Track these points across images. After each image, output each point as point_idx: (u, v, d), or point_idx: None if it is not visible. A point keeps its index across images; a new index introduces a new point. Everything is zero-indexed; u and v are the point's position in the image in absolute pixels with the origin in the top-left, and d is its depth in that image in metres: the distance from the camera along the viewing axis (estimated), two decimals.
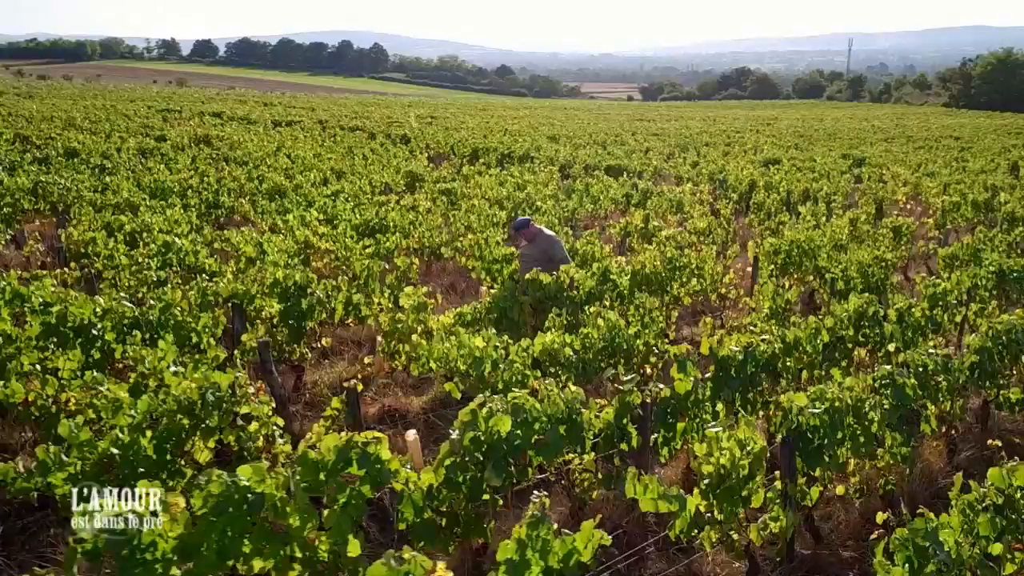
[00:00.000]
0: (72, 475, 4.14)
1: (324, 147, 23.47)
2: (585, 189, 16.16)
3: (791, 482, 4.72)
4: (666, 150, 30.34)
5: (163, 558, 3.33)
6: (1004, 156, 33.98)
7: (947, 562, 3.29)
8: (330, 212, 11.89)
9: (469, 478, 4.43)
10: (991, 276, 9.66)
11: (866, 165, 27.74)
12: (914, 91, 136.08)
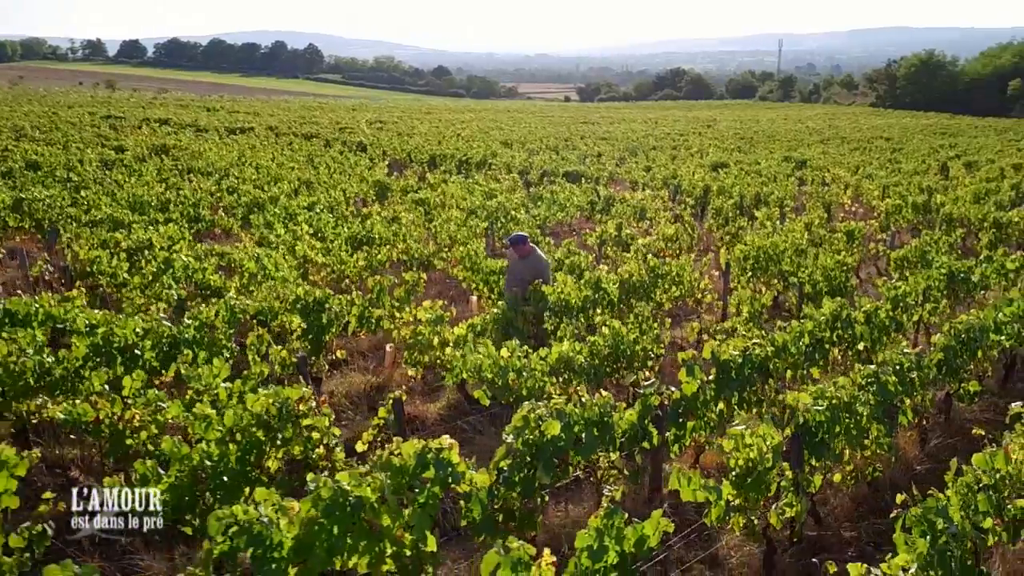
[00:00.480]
0: (172, 486, 4.53)
1: (286, 156, 23.62)
2: (552, 197, 16.75)
3: (800, 471, 5.34)
4: (616, 154, 31.15)
5: (286, 556, 3.77)
6: (933, 157, 35.66)
7: (955, 534, 3.92)
8: (315, 225, 12.24)
9: (522, 477, 4.95)
10: (942, 278, 10.51)
11: (807, 167, 28.94)
12: (842, 91, 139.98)
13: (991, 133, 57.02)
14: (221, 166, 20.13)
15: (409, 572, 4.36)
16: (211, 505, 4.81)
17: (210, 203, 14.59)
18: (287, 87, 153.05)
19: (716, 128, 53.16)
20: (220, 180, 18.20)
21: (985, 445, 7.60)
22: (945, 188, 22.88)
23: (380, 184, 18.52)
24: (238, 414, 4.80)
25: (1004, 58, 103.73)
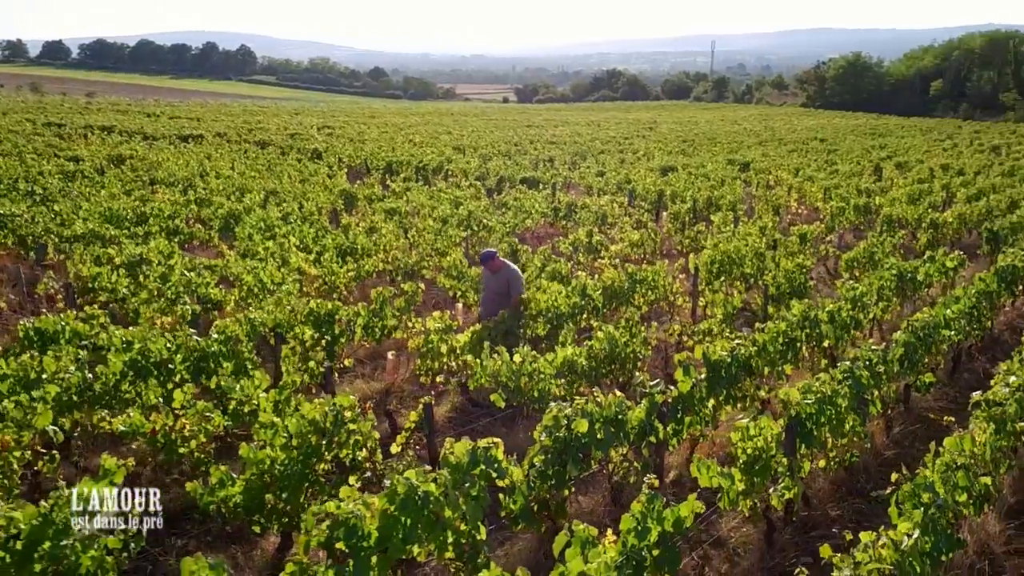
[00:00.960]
0: (246, 488, 4.98)
1: (245, 165, 23.72)
2: (518, 204, 17.34)
3: (793, 458, 6.01)
4: (567, 159, 31.87)
5: (372, 546, 4.27)
6: (866, 158, 37.27)
7: (941, 506, 4.62)
8: (298, 236, 12.60)
9: (555, 471, 5.52)
10: (893, 278, 11.39)
11: (751, 170, 30.07)
12: (773, 91, 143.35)
13: (917, 133, 59.49)
14: (183, 176, 20.20)
15: (466, 558, 4.89)
16: (274, 505, 5.27)
17: (185, 215, 14.78)
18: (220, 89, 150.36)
19: (658, 131, 54.39)
20: (185, 191, 18.35)
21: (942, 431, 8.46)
22: (882, 190, 24.15)
23: (346, 193, 18.87)
24: (300, 421, 5.26)
25: (926, 60, 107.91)
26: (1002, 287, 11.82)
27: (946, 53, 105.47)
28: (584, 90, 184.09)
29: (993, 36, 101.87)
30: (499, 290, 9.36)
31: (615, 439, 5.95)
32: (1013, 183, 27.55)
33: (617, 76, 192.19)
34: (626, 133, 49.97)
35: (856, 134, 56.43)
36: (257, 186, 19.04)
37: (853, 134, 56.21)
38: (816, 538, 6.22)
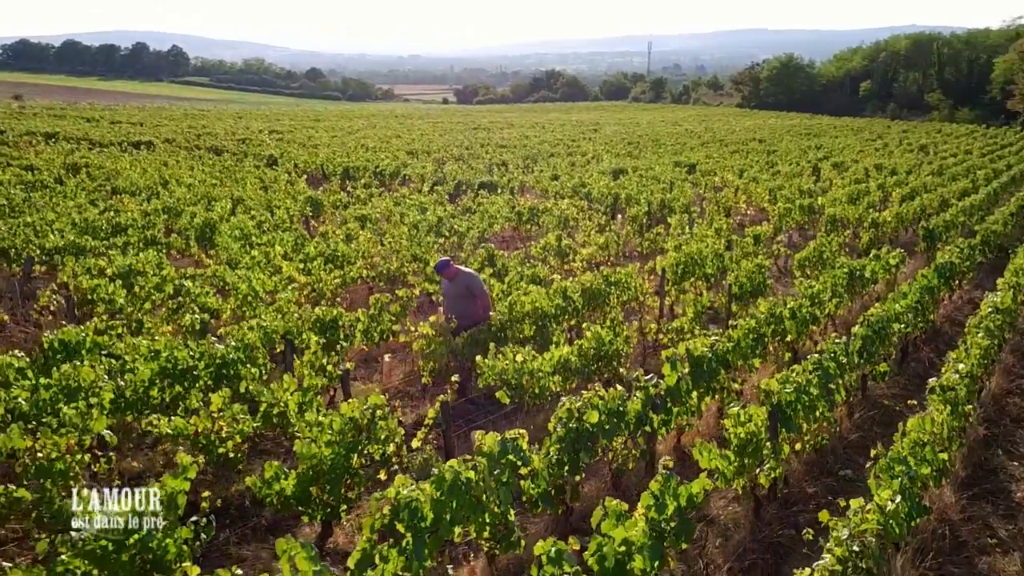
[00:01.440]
0: (299, 480, 5.49)
1: (205, 172, 23.79)
2: (484, 209, 17.91)
3: (776, 441, 6.72)
4: (519, 162, 32.52)
5: (427, 527, 4.82)
6: (804, 158, 38.78)
7: (912, 477, 5.36)
8: (281, 245, 12.98)
9: (570, 458, 6.13)
10: (844, 276, 12.28)
11: (697, 172, 31.15)
12: (709, 92, 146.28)
13: (849, 133, 61.74)
14: (144, 185, 20.28)
15: (499, 537, 5.48)
16: (318, 496, 5.78)
17: (159, 225, 15.01)
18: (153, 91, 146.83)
19: (602, 132, 55.47)
20: (148, 199, 18.47)
21: (897, 416, 9.31)
22: (823, 190, 25.35)
23: (312, 199, 19.21)
24: (342, 419, 5.78)
25: (855, 61, 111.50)
26: (942, 282, 12.84)
27: (873, 55, 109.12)
28: (524, 91, 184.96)
29: (917, 38, 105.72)
30: (460, 293, 9.68)
31: (617, 429, 6.58)
32: (943, 182, 29.13)
33: (556, 77, 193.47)
34: (572, 135, 50.85)
35: (792, 134, 58.32)
36: (222, 194, 19.23)
37: (789, 134, 58.08)
38: (797, 512, 6.97)
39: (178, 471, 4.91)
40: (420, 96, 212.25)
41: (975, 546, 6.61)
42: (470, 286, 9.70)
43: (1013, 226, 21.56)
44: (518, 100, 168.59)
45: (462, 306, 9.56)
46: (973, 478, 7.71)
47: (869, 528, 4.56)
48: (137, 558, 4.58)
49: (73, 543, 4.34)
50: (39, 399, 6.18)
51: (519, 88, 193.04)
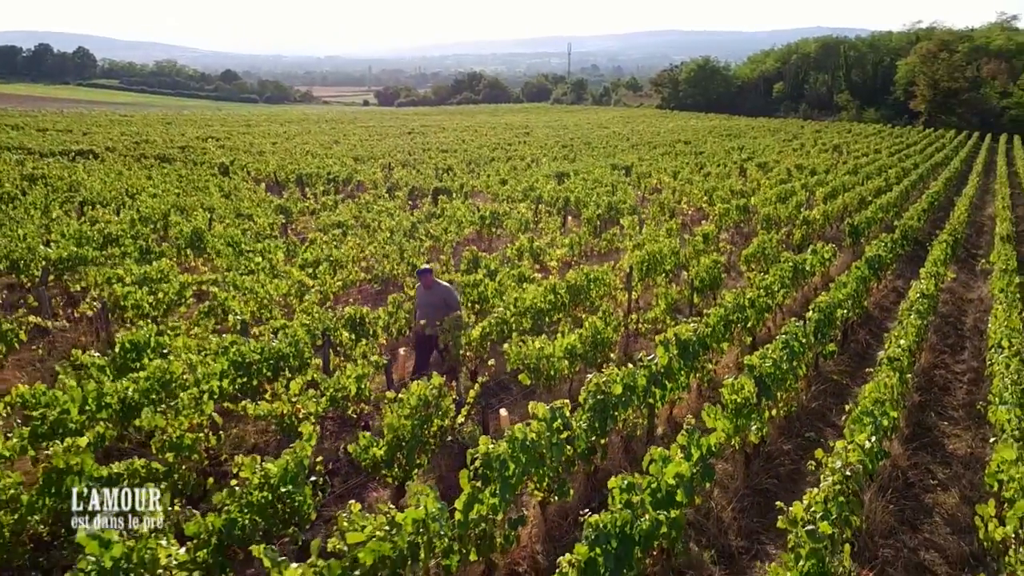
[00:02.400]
0: (388, 450, 6.61)
1: (165, 182, 24.23)
2: (452, 214, 19.04)
3: (759, 406, 8.11)
4: (463, 167, 33.64)
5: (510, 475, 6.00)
6: (729, 159, 40.97)
7: (879, 426, 6.80)
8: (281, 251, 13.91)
9: (600, 424, 7.39)
10: (789, 269, 13.87)
11: (633, 174, 32.83)
12: (629, 93, 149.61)
13: (766, 134, 64.72)
14: (111, 196, 20.74)
15: (556, 489, 6.70)
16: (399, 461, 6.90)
17: (147, 234, 15.71)
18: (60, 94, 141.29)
19: (534, 135, 56.96)
20: (118, 210, 19.00)
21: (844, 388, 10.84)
22: (752, 191, 27.24)
23: (281, 207, 20.03)
24: (415, 398, 6.92)
25: (768, 63, 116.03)
26: (871, 273, 14.59)
27: (785, 57, 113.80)
28: (446, 92, 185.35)
29: (826, 41, 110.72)
30: (435, 304, 10.13)
31: (631, 399, 7.88)
32: (859, 180, 31.47)
33: (478, 78, 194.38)
34: (506, 139, 52.16)
35: (714, 135, 60.86)
36: (191, 204, 19.87)
37: (711, 135, 60.60)
38: (777, 465, 8.39)
39: (304, 438, 6.00)
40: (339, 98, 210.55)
41: (920, 486, 8.14)
42: (447, 300, 10.24)
43: (926, 221, 23.81)
44: (441, 102, 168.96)
45: (435, 315, 10.11)
46: (914, 434, 9.29)
47: (854, 460, 5.95)
48: (283, 508, 5.65)
49: (238, 496, 5.38)
50: (141, 389, 7.14)
51: (441, 90, 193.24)
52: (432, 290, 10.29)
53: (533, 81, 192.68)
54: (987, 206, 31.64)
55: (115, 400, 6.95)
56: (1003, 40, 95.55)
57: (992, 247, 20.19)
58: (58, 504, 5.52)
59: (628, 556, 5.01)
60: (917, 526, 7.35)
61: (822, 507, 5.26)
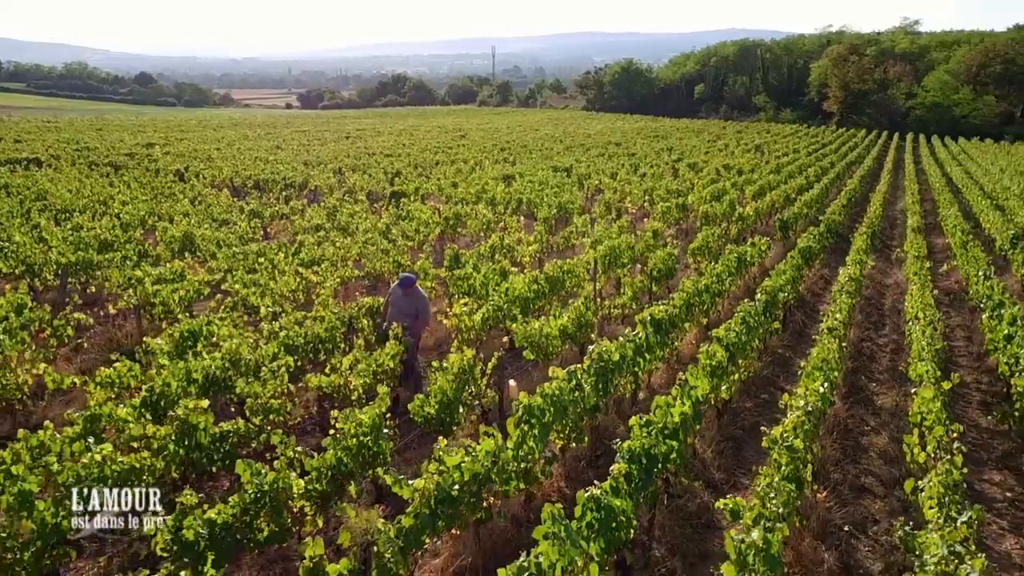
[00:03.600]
0: (439, 408, 8.02)
1: (131, 189, 24.90)
2: (419, 216, 20.40)
3: (730, 367, 9.78)
4: (413, 171, 34.90)
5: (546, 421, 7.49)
6: (661, 159, 43.17)
7: (829, 380, 8.53)
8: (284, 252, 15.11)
9: (603, 385, 8.95)
10: (734, 260, 15.69)
11: (573, 175, 34.59)
12: (554, 95, 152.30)
13: (691, 134, 67.48)
14: (83, 204, 21.46)
15: (574, 437, 8.22)
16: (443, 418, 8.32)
17: (137, 239, 16.68)
18: None
19: (470, 138, 58.41)
20: (95, 217, 19.81)
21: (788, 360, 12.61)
22: (687, 190, 29.26)
23: (256, 212, 21.08)
24: (456, 367, 8.36)
25: (689, 65, 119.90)
26: (804, 262, 16.54)
27: (705, 59, 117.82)
28: (371, 95, 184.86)
29: (743, 44, 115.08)
30: (407, 311, 10.74)
31: (622, 367, 9.47)
32: (782, 179, 33.86)
33: (403, 80, 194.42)
34: (445, 142, 53.44)
35: (642, 136, 63.28)
36: (166, 210, 20.76)
37: (639, 136, 63.01)
38: (742, 419, 10.09)
39: (376, 399, 7.40)
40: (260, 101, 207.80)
41: (857, 431, 9.94)
42: (420, 309, 10.83)
43: (846, 216, 26.15)
44: (366, 104, 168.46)
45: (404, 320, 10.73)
46: (850, 392, 11.13)
47: (812, 400, 7.64)
48: (368, 453, 7.04)
49: (339, 440, 6.75)
50: (219, 367, 8.42)
51: (366, 92, 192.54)
52: (410, 297, 10.80)
53: (458, 83, 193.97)
54: (898, 201, 34.41)
55: (200, 375, 8.21)
56: (907, 44, 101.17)
57: (904, 238, 22.55)
58: (189, 452, 6.80)
59: (652, 470, 6.58)
60: (857, 459, 9.13)
61: (792, 432, 6.92)
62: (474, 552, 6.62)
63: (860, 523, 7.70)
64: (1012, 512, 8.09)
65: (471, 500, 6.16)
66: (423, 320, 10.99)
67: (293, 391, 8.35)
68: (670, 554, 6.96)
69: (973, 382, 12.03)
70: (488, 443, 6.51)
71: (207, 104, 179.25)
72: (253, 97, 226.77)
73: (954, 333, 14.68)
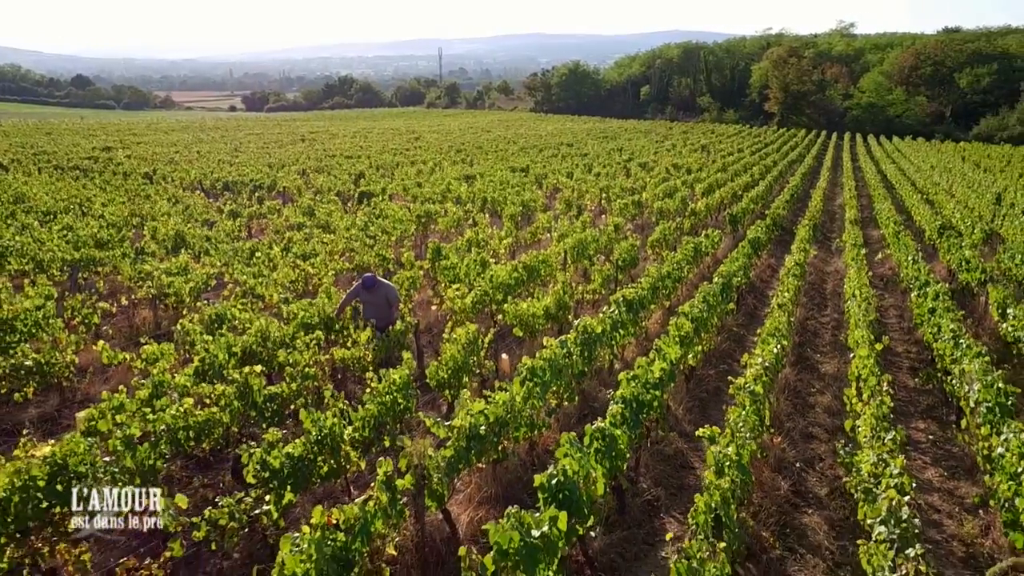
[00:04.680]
0: (451, 373, 9.27)
1: (107, 193, 25.56)
2: (395, 215, 21.55)
3: (696, 338, 11.20)
4: (375, 172, 35.93)
5: (547, 379, 8.80)
6: (613, 159, 44.81)
7: (782, 344, 9.98)
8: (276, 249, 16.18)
9: (588, 353, 10.29)
10: (692, 250, 17.19)
11: (530, 174, 35.96)
12: (502, 97, 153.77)
13: (639, 135, 69.45)
14: (62, 206, 22.16)
15: (567, 396, 9.54)
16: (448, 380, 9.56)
17: (130, 237, 17.58)
18: None
19: (424, 140, 59.48)
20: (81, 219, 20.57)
21: (741, 337, 14.08)
22: (640, 188, 30.86)
23: (234, 212, 22.02)
24: (464, 336, 9.63)
25: (634, 68, 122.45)
26: (753, 252, 18.14)
27: (650, 61, 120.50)
28: (317, 97, 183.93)
29: (686, 47, 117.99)
30: (378, 303, 11.49)
31: (602, 339, 10.83)
32: (729, 177, 35.73)
33: (349, 82, 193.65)
34: (401, 144, 54.42)
35: (592, 137, 65.03)
36: (147, 211, 21.59)
37: (590, 137, 64.74)
38: (705, 384, 11.53)
39: (402, 363, 8.64)
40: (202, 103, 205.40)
41: (805, 392, 11.45)
42: (389, 297, 11.64)
43: (789, 210, 27.98)
44: (312, 107, 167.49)
45: (379, 311, 11.69)
46: (797, 361, 12.66)
47: (768, 358, 9.08)
48: (398, 408, 8.27)
49: (375, 395, 7.96)
50: (254, 341, 9.57)
51: (312, 94, 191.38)
52: (375, 291, 11.50)
53: (405, 85, 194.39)
54: (836, 197, 36.49)
55: (239, 349, 9.35)
56: (843, 46, 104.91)
57: (843, 230, 24.37)
58: (247, 409, 7.96)
59: (639, 415, 7.93)
60: (805, 414, 10.63)
61: (753, 381, 8.34)
62: (493, 486, 7.90)
63: (809, 461, 9.17)
64: (933, 451, 9.64)
65: (493, 439, 7.44)
66: (396, 306, 11.75)
67: (322, 360, 9.53)
68: (654, 485, 8.32)
69: (903, 352, 13.67)
70: (503, 395, 7.79)
71: (148, 107, 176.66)
72: (195, 99, 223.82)
73: (888, 312, 16.37)
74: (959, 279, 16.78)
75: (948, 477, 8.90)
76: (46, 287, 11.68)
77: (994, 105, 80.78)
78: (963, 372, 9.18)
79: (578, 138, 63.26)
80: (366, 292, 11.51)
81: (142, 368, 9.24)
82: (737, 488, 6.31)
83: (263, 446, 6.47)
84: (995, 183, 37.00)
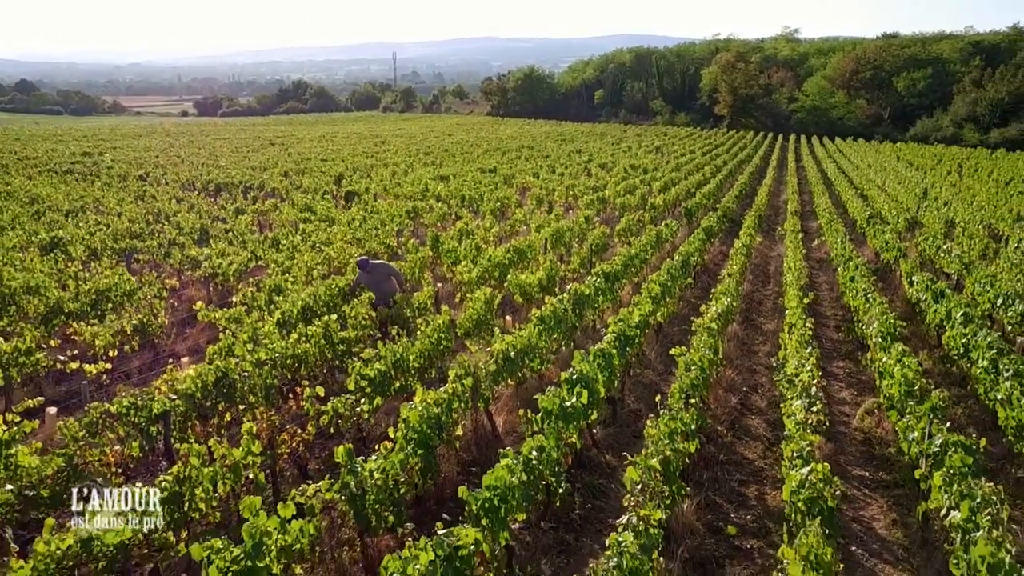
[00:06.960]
0: (475, 323, 11.79)
1: (113, 194, 27.53)
2: (385, 212, 23.94)
3: (661, 303, 13.84)
4: (353, 174, 38.19)
5: (551, 326, 11.37)
6: (573, 161, 47.60)
7: (731, 298, 12.68)
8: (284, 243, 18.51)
9: (576, 312, 12.87)
10: (654, 237, 19.91)
11: (499, 175, 38.51)
12: (457, 101, 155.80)
13: (595, 138, 72.41)
14: (79, 206, 24.17)
15: (565, 343, 12.10)
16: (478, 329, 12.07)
17: (158, 230, 19.77)
18: None
19: (390, 144, 61.68)
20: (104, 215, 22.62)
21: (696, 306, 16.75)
22: (603, 187, 33.62)
23: (240, 210, 24.23)
24: (484, 297, 12.14)
25: (588, 72, 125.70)
26: (707, 238, 20.95)
27: (603, 66, 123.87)
28: (271, 101, 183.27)
29: (638, 52, 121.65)
30: (380, 280, 13.19)
31: (589, 300, 13.43)
32: (683, 176, 38.70)
33: (303, 87, 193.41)
34: (370, 148, 56.61)
35: (550, 140, 67.82)
36: (161, 209, 23.71)
37: (548, 140, 67.51)
38: (672, 340, 14.18)
39: (443, 311, 11.14)
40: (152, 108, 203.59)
41: (749, 342, 14.20)
42: (388, 272, 13.44)
43: (738, 204, 30.96)
44: (266, 111, 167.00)
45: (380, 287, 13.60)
46: (744, 321, 15.42)
47: (720, 308, 11.75)
48: (442, 345, 10.76)
49: (411, 343, 10.44)
50: (312, 302, 11.99)
51: (265, 99, 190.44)
52: (373, 271, 13.17)
53: (360, 89, 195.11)
54: (781, 193, 39.69)
55: (299, 306, 11.78)
56: (788, 51, 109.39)
57: (786, 221, 27.36)
58: (330, 349, 10.39)
59: (626, 348, 10.53)
60: (751, 357, 13.35)
61: (711, 321, 11.01)
62: (516, 402, 10.44)
63: (753, 386, 11.88)
64: (848, 379, 12.43)
65: (519, 363, 9.98)
66: (397, 278, 13.58)
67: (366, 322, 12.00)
68: (636, 403, 10.95)
69: (831, 315, 16.52)
70: (525, 331, 10.34)
71: (96, 112, 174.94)
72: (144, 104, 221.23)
73: (821, 287, 19.25)
74: (881, 259, 19.77)
75: (857, 394, 11.68)
76: (118, 270, 13.93)
77: (929, 107, 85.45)
78: (869, 317, 11.98)
79: (537, 141, 65.94)
80: (366, 274, 13.39)
81: (225, 325, 11.61)
82: (699, 384, 8.95)
83: (360, 364, 8.93)
84: (924, 179, 40.62)
